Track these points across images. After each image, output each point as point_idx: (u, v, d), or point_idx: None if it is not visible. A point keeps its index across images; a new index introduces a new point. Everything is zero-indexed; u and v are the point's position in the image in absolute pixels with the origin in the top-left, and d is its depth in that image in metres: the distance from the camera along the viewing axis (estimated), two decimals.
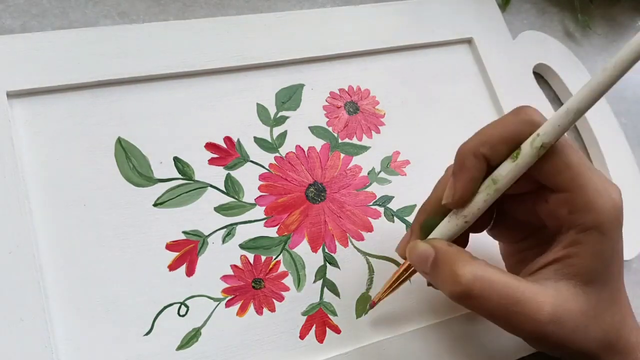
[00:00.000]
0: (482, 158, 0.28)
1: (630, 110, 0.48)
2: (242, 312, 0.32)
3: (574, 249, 0.28)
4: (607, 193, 0.27)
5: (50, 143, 0.33)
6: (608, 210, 0.27)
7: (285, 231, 0.35)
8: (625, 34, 0.52)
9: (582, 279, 0.28)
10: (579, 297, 0.28)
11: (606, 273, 0.28)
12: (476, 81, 0.43)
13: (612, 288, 0.28)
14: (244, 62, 0.37)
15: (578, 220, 0.27)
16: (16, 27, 0.37)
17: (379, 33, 0.41)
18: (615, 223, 0.27)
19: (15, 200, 0.30)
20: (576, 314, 0.27)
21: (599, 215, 0.27)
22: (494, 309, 0.27)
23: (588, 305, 0.28)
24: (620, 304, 0.29)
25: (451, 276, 0.28)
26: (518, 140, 0.27)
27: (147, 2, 0.40)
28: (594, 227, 0.27)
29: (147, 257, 0.32)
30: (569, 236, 0.28)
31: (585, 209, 0.27)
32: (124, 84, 0.35)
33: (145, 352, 0.30)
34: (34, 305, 0.29)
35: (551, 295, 0.27)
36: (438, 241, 0.29)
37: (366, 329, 0.34)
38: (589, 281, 0.28)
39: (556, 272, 0.28)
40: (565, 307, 0.27)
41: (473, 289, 0.27)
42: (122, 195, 0.33)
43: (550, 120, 0.26)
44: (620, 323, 0.29)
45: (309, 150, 0.37)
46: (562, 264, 0.28)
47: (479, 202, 0.28)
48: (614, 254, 0.28)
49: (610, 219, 0.27)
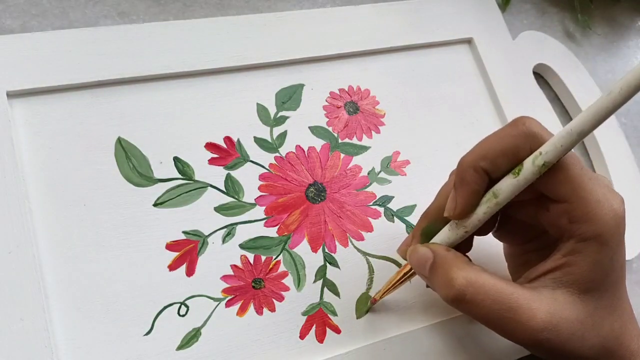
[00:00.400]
0: (482, 172, 0.28)
1: (630, 110, 0.48)
2: (242, 312, 0.32)
3: (573, 257, 0.28)
4: (608, 203, 0.27)
5: (50, 143, 0.33)
6: (608, 221, 0.27)
7: (285, 231, 0.35)
8: (625, 34, 0.52)
9: (579, 287, 0.28)
10: (576, 306, 0.28)
11: (605, 282, 0.28)
12: (476, 81, 0.43)
13: (611, 296, 0.28)
14: (244, 62, 0.37)
15: (578, 230, 0.27)
16: (16, 27, 0.37)
17: (379, 33, 0.41)
18: (616, 233, 0.27)
19: (15, 200, 0.30)
20: (572, 321, 0.27)
21: (599, 226, 0.27)
22: (487, 314, 0.28)
23: (585, 314, 0.28)
24: (620, 311, 0.29)
25: (446, 280, 0.28)
26: (517, 153, 0.28)
27: (147, 2, 0.40)
28: (594, 237, 0.27)
29: (147, 257, 0.32)
30: (569, 245, 0.28)
31: (584, 219, 0.27)
32: (124, 84, 0.35)
33: (145, 352, 0.30)
34: (34, 305, 0.29)
35: (547, 303, 0.27)
36: (437, 246, 0.30)
37: (366, 329, 0.34)
38: (586, 290, 0.28)
39: (554, 280, 0.28)
40: (561, 316, 0.27)
41: (465, 293, 0.28)
42: (122, 195, 0.33)
43: (552, 140, 0.26)
44: (620, 330, 0.29)
45: (309, 150, 0.37)
46: (560, 272, 0.28)
47: (479, 214, 0.29)
48: (613, 263, 0.28)
49: (611, 229, 0.27)
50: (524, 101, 0.43)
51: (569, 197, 0.27)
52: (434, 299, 0.35)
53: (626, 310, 0.29)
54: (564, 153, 0.26)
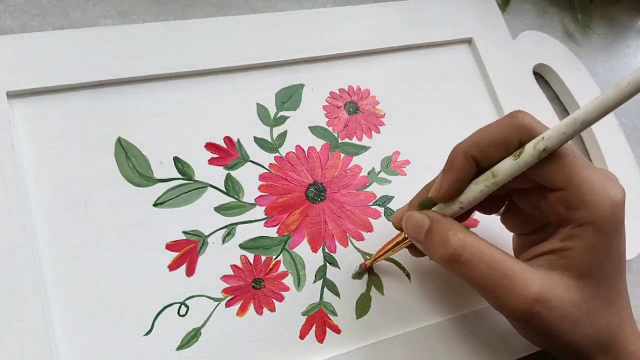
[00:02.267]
0: (471, 159, 0.29)
1: (630, 110, 0.48)
2: (242, 312, 0.32)
3: (569, 242, 0.28)
4: (604, 190, 0.28)
5: (50, 143, 0.33)
6: (603, 207, 0.27)
7: (285, 231, 0.35)
8: (625, 34, 0.52)
9: (575, 271, 0.28)
10: (571, 289, 0.28)
11: (602, 270, 0.28)
12: (476, 81, 0.43)
13: (609, 287, 0.28)
14: (244, 62, 0.37)
15: (574, 216, 0.28)
16: (16, 27, 0.37)
17: (379, 33, 0.41)
18: (612, 220, 0.28)
19: (15, 200, 0.30)
20: (566, 302, 0.27)
21: (594, 212, 0.27)
22: (481, 277, 0.28)
23: (580, 299, 0.28)
24: (619, 306, 0.29)
25: (442, 240, 0.29)
26: (507, 144, 0.28)
27: (147, 2, 0.40)
28: (589, 223, 0.27)
29: (147, 257, 0.32)
30: (566, 231, 0.28)
31: (580, 206, 0.28)
32: (124, 84, 0.35)
33: (145, 352, 0.30)
34: (34, 305, 0.29)
35: (541, 276, 0.28)
36: (434, 212, 0.30)
37: (366, 329, 0.34)
38: (582, 275, 0.28)
39: (550, 262, 0.29)
40: (555, 293, 0.27)
41: (462, 254, 0.28)
42: (122, 195, 0.33)
43: (555, 127, 0.27)
44: (618, 326, 0.29)
45: (309, 150, 0.37)
46: (556, 255, 0.29)
47: (476, 191, 0.29)
48: (610, 251, 0.28)
49: (606, 215, 0.27)
50: (524, 101, 0.43)
51: (564, 185, 0.28)
52: (434, 298, 0.35)
53: (625, 307, 0.29)
54: (565, 140, 0.27)
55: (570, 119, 0.26)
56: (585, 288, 0.28)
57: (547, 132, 0.27)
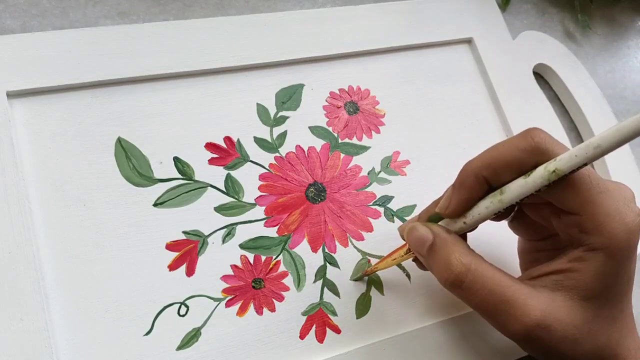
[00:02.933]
0: (482, 180, 0.28)
1: (630, 110, 0.48)
2: (242, 312, 0.32)
3: (578, 264, 0.28)
4: (620, 217, 0.27)
5: (50, 143, 0.33)
6: (618, 234, 0.27)
7: (285, 231, 0.35)
8: (625, 34, 0.52)
9: (579, 293, 0.28)
10: (573, 310, 0.27)
11: (607, 293, 0.28)
12: (476, 81, 0.43)
13: (613, 307, 0.28)
14: (244, 62, 0.37)
15: (587, 240, 0.27)
16: (16, 27, 0.37)
17: (379, 33, 0.41)
18: (626, 247, 0.27)
19: (15, 200, 0.30)
20: (567, 325, 0.27)
21: (608, 239, 0.27)
22: (482, 303, 0.28)
23: (582, 320, 0.27)
24: (621, 323, 0.29)
25: (445, 263, 0.28)
26: (521, 167, 0.27)
27: (147, 2, 0.40)
28: (602, 249, 0.27)
29: (147, 257, 0.32)
30: (576, 252, 0.28)
31: (594, 232, 0.27)
32: (124, 84, 0.35)
33: (145, 352, 0.30)
34: (34, 305, 0.29)
35: (543, 301, 0.27)
36: (437, 227, 0.30)
37: (366, 329, 0.34)
38: (586, 297, 0.28)
39: (555, 282, 0.28)
40: (556, 317, 0.27)
41: (463, 280, 0.28)
42: (122, 195, 0.33)
43: (569, 151, 0.26)
44: (618, 342, 0.28)
45: (309, 150, 0.37)
46: (563, 275, 0.28)
47: (481, 207, 0.29)
48: (619, 276, 0.28)
49: (620, 242, 0.27)
50: (524, 101, 0.43)
51: (579, 209, 0.27)
52: (434, 298, 0.35)
53: (627, 322, 0.29)
54: (578, 165, 0.26)
55: (584, 143, 0.25)
56: (588, 309, 0.28)
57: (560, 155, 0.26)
